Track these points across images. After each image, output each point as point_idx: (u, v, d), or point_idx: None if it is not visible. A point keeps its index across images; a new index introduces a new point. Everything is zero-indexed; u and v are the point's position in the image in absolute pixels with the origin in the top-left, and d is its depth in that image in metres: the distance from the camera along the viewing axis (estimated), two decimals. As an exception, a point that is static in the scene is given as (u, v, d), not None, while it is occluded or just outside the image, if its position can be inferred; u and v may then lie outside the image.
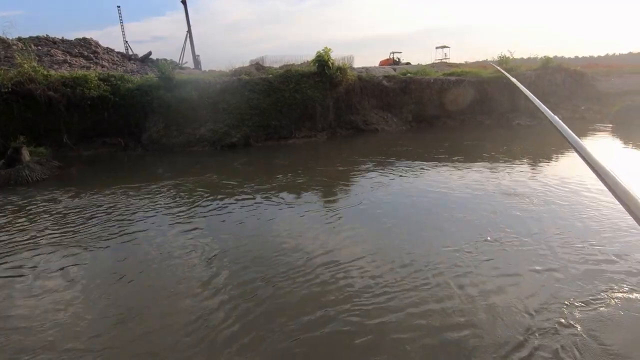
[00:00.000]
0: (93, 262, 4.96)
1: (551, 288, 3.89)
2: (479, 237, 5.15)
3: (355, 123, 16.21)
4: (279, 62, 23.25)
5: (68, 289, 4.24)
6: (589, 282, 3.97)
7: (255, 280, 4.28)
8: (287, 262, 4.69)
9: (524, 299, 3.73)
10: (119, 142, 13.54)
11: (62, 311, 3.81)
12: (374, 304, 3.73)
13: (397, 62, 32.30)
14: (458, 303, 3.70)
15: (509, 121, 17.50)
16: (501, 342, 3.16)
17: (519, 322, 3.39)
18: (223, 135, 13.60)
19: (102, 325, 3.57)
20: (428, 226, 5.80)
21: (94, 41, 23.74)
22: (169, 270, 4.60)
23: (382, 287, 4.02)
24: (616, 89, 21.13)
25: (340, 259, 4.69)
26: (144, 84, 13.99)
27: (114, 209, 7.02)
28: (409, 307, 3.67)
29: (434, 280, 4.12)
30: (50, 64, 18.11)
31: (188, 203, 7.28)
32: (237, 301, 3.88)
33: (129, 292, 4.19)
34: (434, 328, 3.36)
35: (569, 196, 6.71)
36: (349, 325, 3.43)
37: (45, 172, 9.73)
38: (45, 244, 5.50)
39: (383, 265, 4.50)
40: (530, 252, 4.70)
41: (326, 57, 15.06)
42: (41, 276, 4.55)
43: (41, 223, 6.39)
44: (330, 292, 3.97)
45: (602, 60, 40.08)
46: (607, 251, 4.63)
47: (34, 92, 12.06)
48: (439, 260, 4.55)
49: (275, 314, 3.65)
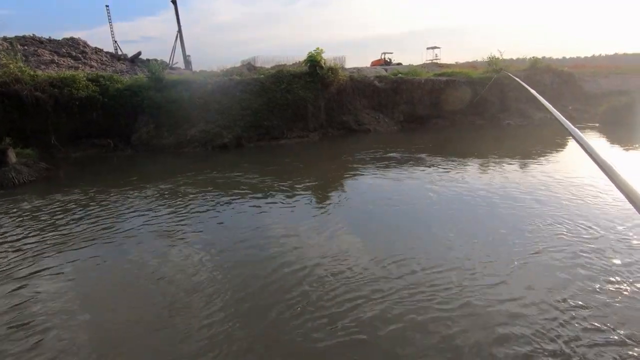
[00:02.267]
0: (75, 268, 4.88)
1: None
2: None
3: (347, 123, 16.24)
4: (271, 62, 23.20)
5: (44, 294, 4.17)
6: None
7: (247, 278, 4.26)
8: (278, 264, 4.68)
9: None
10: (108, 143, 13.36)
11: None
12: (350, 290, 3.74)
13: (388, 62, 32.48)
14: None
15: (500, 121, 17.73)
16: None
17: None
18: (214, 136, 13.51)
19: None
20: (420, 225, 5.85)
21: (82, 41, 23.40)
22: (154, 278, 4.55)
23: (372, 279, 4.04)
24: (602, 89, 21.57)
25: (325, 255, 4.70)
26: (134, 84, 13.83)
27: (101, 211, 6.91)
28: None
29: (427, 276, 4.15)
30: (37, 64, 17.81)
31: (178, 204, 7.20)
32: (230, 298, 3.86)
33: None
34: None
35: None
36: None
37: (32, 174, 9.54)
38: (29, 247, 5.40)
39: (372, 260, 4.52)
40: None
41: (318, 57, 15.07)
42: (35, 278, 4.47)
43: (25, 226, 6.27)
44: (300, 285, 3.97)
45: (589, 61, 40.78)
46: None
47: (20, 93, 11.84)
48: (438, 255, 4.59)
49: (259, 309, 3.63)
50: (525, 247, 4.83)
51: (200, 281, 4.31)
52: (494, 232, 5.37)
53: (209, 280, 4.33)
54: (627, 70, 26.12)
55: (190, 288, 4.16)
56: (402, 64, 31.38)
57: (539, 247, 4.80)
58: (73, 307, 3.91)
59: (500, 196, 6.92)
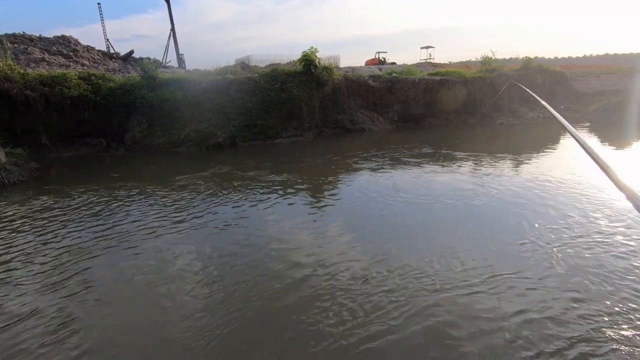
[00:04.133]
0: (64, 271, 4.83)
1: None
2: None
3: (341, 122, 16.26)
4: (265, 61, 23.16)
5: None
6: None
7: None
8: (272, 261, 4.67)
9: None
10: (100, 142, 13.23)
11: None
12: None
13: (382, 61, 32.61)
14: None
15: (492, 120, 17.89)
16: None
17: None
18: (208, 135, 13.43)
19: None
20: (415, 225, 5.88)
21: (73, 39, 23.12)
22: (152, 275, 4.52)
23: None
24: (593, 89, 21.90)
25: (320, 252, 4.71)
26: (127, 83, 13.68)
27: (93, 211, 6.85)
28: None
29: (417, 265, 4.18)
30: (28, 62, 17.57)
31: (171, 204, 7.16)
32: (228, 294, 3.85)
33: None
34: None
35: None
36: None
37: (23, 174, 9.40)
38: (19, 249, 5.33)
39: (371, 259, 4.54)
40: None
41: (312, 56, 15.05)
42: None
43: (14, 227, 6.18)
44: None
45: (580, 61, 41.42)
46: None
47: (10, 92, 11.64)
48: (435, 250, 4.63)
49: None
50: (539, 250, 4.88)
51: (201, 280, 4.29)
52: (492, 227, 5.43)
53: (206, 282, 4.31)
54: (618, 70, 26.54)
55: (181, 288, 4.15)
56: (396, 63, 31.51)
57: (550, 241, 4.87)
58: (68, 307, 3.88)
59: (514, 193, 6.99)
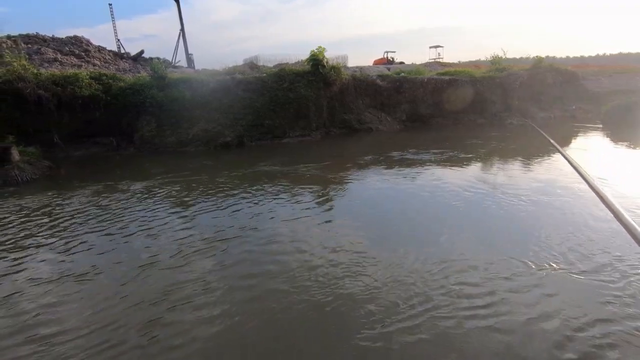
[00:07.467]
0: (73, 264, 4.90)
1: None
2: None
3: (349, 122, 16.23)
4: (273, 61, 23.20)
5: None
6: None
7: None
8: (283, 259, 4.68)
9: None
10: (110, 141, 13.41)
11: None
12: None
13: (391, 61, 32.41)
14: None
15: (501, 120, 17.68)
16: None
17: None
18: (216, 134, 13.53)
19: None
20: (420, 224, 5.85)
21: (85, 39, 23.43)
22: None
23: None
24: (605, 88, 21.48)
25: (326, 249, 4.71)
26: (137, 83, 13.85)
27: (104, 209, 6.94)
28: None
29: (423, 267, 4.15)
30: (41, 62, 17.85)
31: (182, 202, 7.22)
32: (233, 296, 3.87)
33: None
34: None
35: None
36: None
37: (35, 172, 9.59)
38: (31, 244, 5.43)
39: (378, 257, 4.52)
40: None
41: (320, 56, 15.06)
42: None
43: (27, 222, 6.30)
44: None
45: (593, 60, 40.70)
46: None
47: (23, 91, 11.87)
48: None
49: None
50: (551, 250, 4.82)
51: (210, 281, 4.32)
52: (492, 227, 5.36)
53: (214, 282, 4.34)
54: (631, 70, 26.02)
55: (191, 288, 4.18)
56: (404, 62, 31.33)
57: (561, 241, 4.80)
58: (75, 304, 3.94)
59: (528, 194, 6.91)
